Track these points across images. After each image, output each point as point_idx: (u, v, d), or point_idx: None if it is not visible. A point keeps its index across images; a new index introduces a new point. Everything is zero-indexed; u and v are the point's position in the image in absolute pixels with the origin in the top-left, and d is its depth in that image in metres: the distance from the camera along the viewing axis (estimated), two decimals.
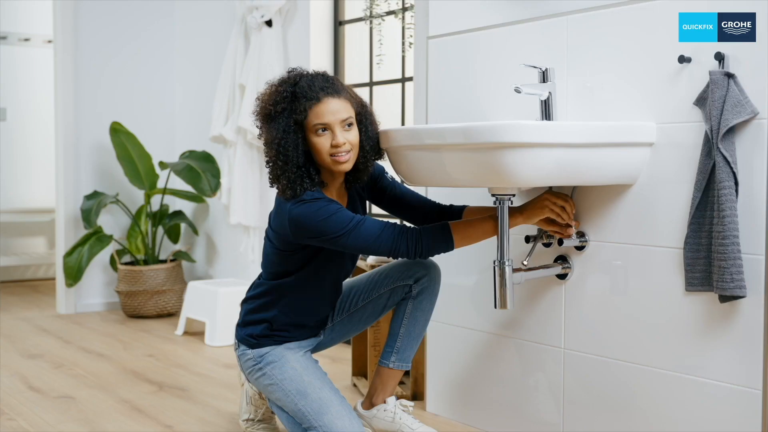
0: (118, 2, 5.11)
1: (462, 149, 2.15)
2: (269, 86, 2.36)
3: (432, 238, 2.30)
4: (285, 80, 2.33)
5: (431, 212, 2.56)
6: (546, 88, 2.43)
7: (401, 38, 3.85)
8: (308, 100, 2.26)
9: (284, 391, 2.40)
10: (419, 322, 2.59)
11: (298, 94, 2.28)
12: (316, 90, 2.27)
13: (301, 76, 2.32)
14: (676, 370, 2.24)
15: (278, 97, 2.29)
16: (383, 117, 4.12)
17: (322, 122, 2.27)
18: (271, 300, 2.48)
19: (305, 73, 2.35)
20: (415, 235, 2.29)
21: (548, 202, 2.36)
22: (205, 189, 4.67)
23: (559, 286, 2.52)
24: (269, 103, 2.31)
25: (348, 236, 2.26)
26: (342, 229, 2.25)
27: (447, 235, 2.31)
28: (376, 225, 2.28)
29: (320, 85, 2.29)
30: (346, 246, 2.28)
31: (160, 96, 5.28)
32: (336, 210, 2.27)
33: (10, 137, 6.27)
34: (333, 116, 2.27)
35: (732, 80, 2.05)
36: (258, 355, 2.47)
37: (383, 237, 2.27)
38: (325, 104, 2.27)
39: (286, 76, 2.35)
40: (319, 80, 2.31)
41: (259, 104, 2.35)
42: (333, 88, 2.30)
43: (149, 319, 4.80)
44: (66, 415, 2.97)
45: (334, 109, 2.28)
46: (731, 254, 2.01)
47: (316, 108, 2.27)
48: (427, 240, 2.30)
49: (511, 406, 2.69)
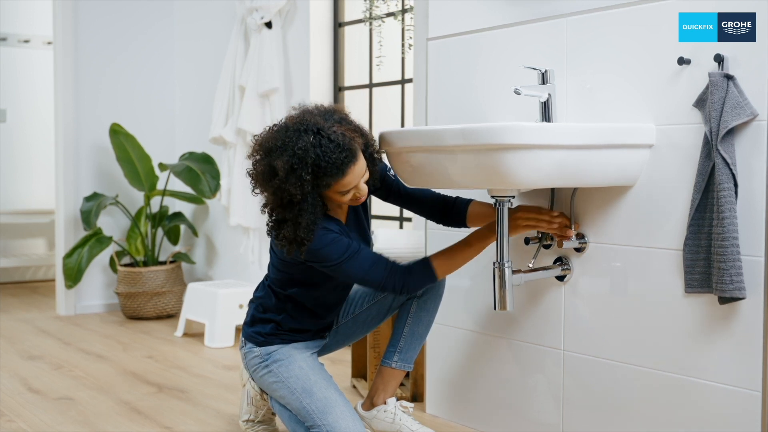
0: (118, 3, 5.11)
1: (462, 151, 2.15)
2: (285, 167, 2.18)
3: (417, 278, 2.36)
4: (300, 162, 2.17)
5: (437, 205, 2.58)
6: (546, 89, 2.43)
7: (401, 40, 3.86)
8: (332, 177, 2.21)
9: (289, 389, 2.41)
10: (423, 322, 2.60)
11: (320, 174, 2.19)
12: (339, 166, 2.19)
13: (311, 149, 2.17)
14: (675, 371, 2.24)
15: (299, 183, 2.18)
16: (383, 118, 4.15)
17: (348, 189, 2.27)
18: (277, 304, 2.50)
19: (312, 140, 2.18)
20: (403, 275, 2.33)
21: (520, 220, 2.39)
22: (204, 190, 4.67)
23: (559, 288, 2.52)
24: (291, 191, 2.19)
25: (341, 266, 2.30)
26: (338, 258, 2.29)
27: (429, 272, 2.37)
28: (369, 257, 2.32)
29: (340, 159, 2.19)
30: (339, 274, 2.33)
31: (159, 97, 5.28)
32: (333, 240, 2.29)
33: (10, 138, 6.27)
34: (358, 179, 2.28)
35: (731, 82, 2.05)
36: (266, 353, 2.48)
37: (375, 271, 2.32)
38: (350, 175, 2.24)
39: (297, 156, 2.17)
40: (333, 153, 2.18)
41: (276, 189, 2.21)
42: (351, 154, 2.22)
43: (149, 320, 4.80)
44: (65, 417, 2.97)
45: (358, 172, 2.26)
46: (731, 256, 2.01)
47: (342, 181, 2.23)
48: (412, 280, 2.35)
49: (510, 408, 2.69)
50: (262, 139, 2.27)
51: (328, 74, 4.31)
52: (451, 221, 2.59)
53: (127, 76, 5.17)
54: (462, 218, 2.56)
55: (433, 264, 2.36)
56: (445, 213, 2.57)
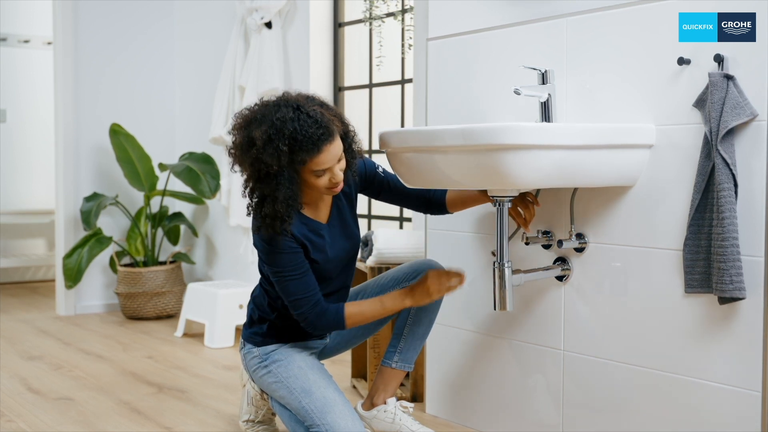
0: (118, 4, 5.11)
1: (461, 151, 2.15)
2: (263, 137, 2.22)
3: (326, 322, 2.39)
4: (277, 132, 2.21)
5: (421, 196, 2.60)
6: (545, 89, 2.43)
7: (401, 40, 3.86)
8: (308, 153, 2.23)
9: (289, 389, 2.41)
10: (423, 323, 2.60)
11: (295, 148, 2.22)
12: (315, 141, 2.22)
13: (290, 122, 2.22)
14: (675, 371, 2.24)
15: (276, 154, 2.21)
16: (383, 119, 4.16)
17: (323, 168, 2.28)
18: (270, 303, 2.51)
19: (291, 115, 2.23)
20: (318, 316, 2.37)
21: (431, 287, 2.44)
22: (204, 190, 4.67)
23: (559, 288, 2.52)
24: (267, 162, 2.22)
25: (284, 278, 2.35)
26: (284, 268, 2.34)
27: (339, 320, 2.40)
28: (304, 288, 2.35)
29: (317, 134, 2.22)
30: (278, 284, 2.37)
31: (159, 97, 5.28)
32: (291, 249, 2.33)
33: (9, 139, 6.27)
34: (332, 161, 2.28)
35: (731, 82, 2.05)
36: (264, 353, 2.48)
37: (307, 299, 2.36)
38: (325, 153, 2.25)
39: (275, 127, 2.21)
40: (311, 127, 2.22)
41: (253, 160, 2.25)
42: (328, 132, 2.25)
43: (149, 320, 4.80)
44: (65, 417, 2.97)
45: (333, 154, 2.28)
46: (730, 256, 2.01)
47: (316, 158, 2.25)
48: (321, 322, 2.39)
49: (510, 408, 2.69)
50: (243, 114, 2.31)
51: (328, 74, 4.31)
52: (434, 209, 2.63)
53: (127, 76, 5.17)
54: (443, 206, 2.60)
55: (345, 313, 2.40)
56: (428, 203, 2.61)
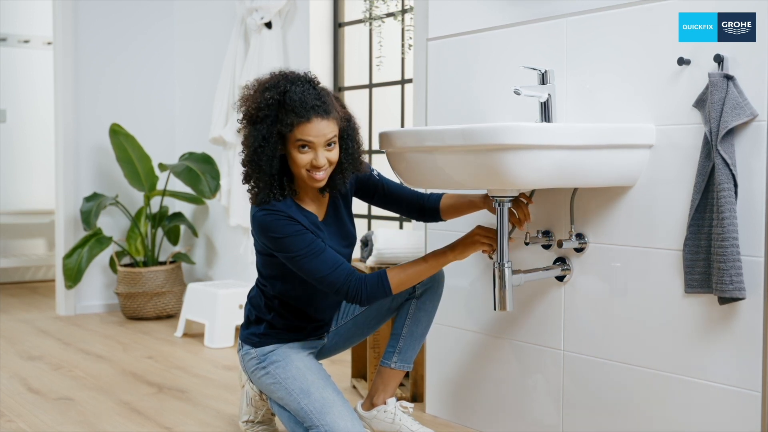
0: (118, 4, 5.11)
1: (461, 151, 2.15)
2: (257, 85, 2.30)
3: (371, 289, 2.33)
4: (274, 85, 2.26)
5: (414, 203, 2.59)
6: (545, 89, 2.43)
7: (401, 40, 3.86)
8: (297, 116, 2.23)
9: (287, 390, 2.40)
10: (422, 322, 2.60)
11: (286, 107, 2.23)
12: (307, 108, 2.23)
13: (291, 84, 2.26)
14: (675, 371, 2.24)
15: (264, 103, 2.25)
16: (383, 119, 4.15)
17: (306, 140, 2.26)
18: (266, 303, 2.50)
19: (296, 79, 2.28)
20: (358, 284, 2.32)
21: (478, 236, 2.38)
22: (204, 191, 4.67)
23: (559, 288, 2.52)
24: (253, 105, 2.27)
25: (301, 261, 2.29)
26: (298, 251, 2.28)
27: (384, 285, 2.34)
28: (330, 259, 2.31)
29: (311, 103, 2.23)
30: (301, 269, 2.31)
31: (159, 97, 5.28)
32: (297, 231, 2.29)
33: (9, 139, 6.27)
34: (318, 137, 2.26)
35: (731, 82, 2.05)
36: (261, 354, 2.48)
37: (333, 274, 2.30)
38: (313, 124, 2.24)
39: (275, 81, 2.28)
40: (310, 96, 2.24)
41: (244, 101, 2.31)
42: (323, 108, 2.25)
43: (149, 320, 4.80)
44: (65, 417, 2.97)
45: (321, 130, 2.26)
46: (730, 256, 2.02)
47: (303, 126, 2.24)
48: (366, 290, 2.32)
49: (510, 408, 2.69)
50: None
51: (328, 74, 4.31)
52: (427, 217, 2.61)
53: (127, 76, 5.17)
54: (436, 213, 2.59)
55: (389, 277, 2.35)
56: (421, 210, 2.59)
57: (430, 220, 2.62)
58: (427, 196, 2.60)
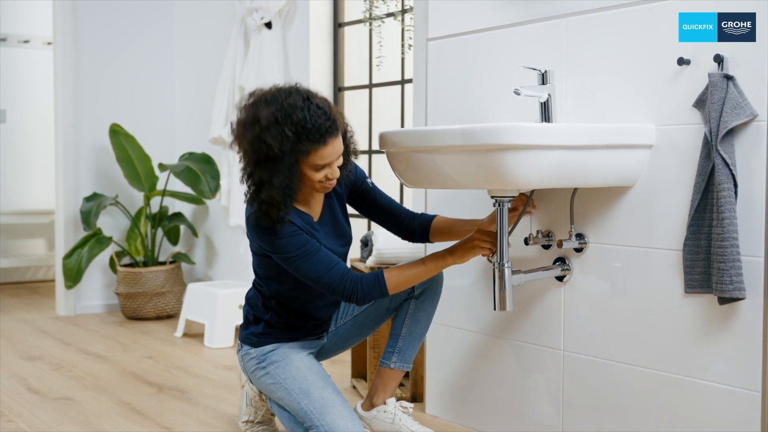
0: (118, 3, 5.11)
1: (461, 151, 2.15)
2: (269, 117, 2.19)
3: (367, 288, 2.33)
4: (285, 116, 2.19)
5: (403, 220, 2.59)
6: (545, 89, 2.43)
7: (401, 40, 3.86)
8: (313, 143, 2.21)
9: (287, 390, 2.40)
10: (421, 322, 2.60)
11: (302, 136, 2.20)
12: (322, 132, 2.21)
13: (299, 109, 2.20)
14: (675, 371, 2.24)
15: (282, 138, 2.19)
16: (383, 119, 4.15)
17: (325, 163, 2.27)
18: (263, 303, 2.51)
19: (301, 103, 2.22)
20: (355, 283, 2.32)
21: (478, 241, 2.37)
22: (204, 191, 4.67)
23: (559, 288, 2.52)
24: (270, 143, 2.19)
25: (297, 261, 2.29)
26: (294, 252, 2.28)
27: (381, 285, 2.33)
28: (328, 259, 2.31)
29: (324, 126, 2.21)
30: (297, 269, 2.31)
31: (159, 98, 5.28)
32: (292, 232, 2.29)
33: (9, 139, 6.27)
34: (334, 156, 2.28)
35: (731, 82, 2.05)
36: (261, 354, 2.48)
37: (331, 274, 2.31)
38: (329, 147, 2.24)
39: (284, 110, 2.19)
40: (320, 118, 2.21)
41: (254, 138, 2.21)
42: (335, 126, 2.25)
43: (149, 320, 4.80)
44: (65, 417, 2.97)
45: (336, 149, 2.27)
46: (730, 256, 2.01)
47: (321, 150, 2.24)
48: (363, 289, 2.32)
49: (510, 408, 2.69)
50: (252, 92, 2.29)
51: (328, 74, 4.31)
52: (414, 237, 2.60)
53: (127, 76, 5.17)
54: (425, 233, 2.58)
55: (386, 278, 2.35)
56: (409, 228, 2.58)
57: (416, 240, 2.61)
58: (418, 215, 2.60)
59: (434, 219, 2.58)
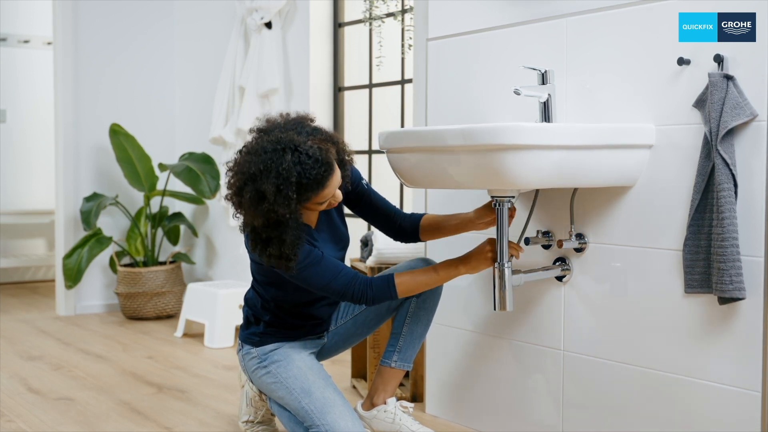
0: (118, 4, 5.11)
1: (461, 151, 2.15)
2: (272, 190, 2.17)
3: (377, 292, 2.35)
4: (285, 182, 2.16)
5: (394, 220, 2.60)
6: (545, 89, 2.43)
7: (401, 40, 3.86)
8: (313, 191, 2.23)
9: (288, 389, 2.41)
10: (421, 321, 2.60)
11: (302, 191, 2.20)
12: (319, 180, 2.21)
13: (293, 168, 2.18)
14: (675, 371, 2.24)
15: (287, 203, 2.18)
16: (383, 119, 4.15)
17: (326, 200, 2.30)
18: (262, 304, 2.52)
19: (292, 158, 2.18)
20: (363, 286, 2.33)
21: (492, 254, 2.36)
22: (204, 191, 4.67)
23: (559, 288, 2.52)
24: (280, 212, 2.18)
25: (302, 273, 2.30)
26: (299, 263, 2.28)
27: (391, 289, 2.36)
28: (333, 266, 2.33)
29: (320, 174, 2.21)
30: (303, 280, 2.32)
31: (159, 98, 5.28)
32: None
33: (9, 139, 6.27)
34: (335, 189, 2.30)
35: (731, 82, 2.05)
36: (263, 353, 2.48)
37: (338, 280, 2.32)
38: (328, 187, 2.26)
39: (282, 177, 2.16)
40: (314, 169, 2.19)
41: (263, 211, 2.19)
42: (329, 167, 2.23)
43: (149, 320, 4.80)
44: (65, 417, 2.97)
45: (335, 183, 2.29)
46: (730, 256, 2.01)
47: (321, 193, 2.26)
48: (372, 292, 2.35)
49: (510, 408, 2.69)
50: (241, 165, 2.24)
51: (327, 74, 4.31)
52: (404, 236, 2.61)
53: (127, 76, 5.17)
54: (415, 232, 2.59)
55: (396, 282, 2.36)
56: (400, 229, 2.59)
57: (408, 240, 2.62)
58: (408, 215, 2.61)
59: (422, 218, 2.59)
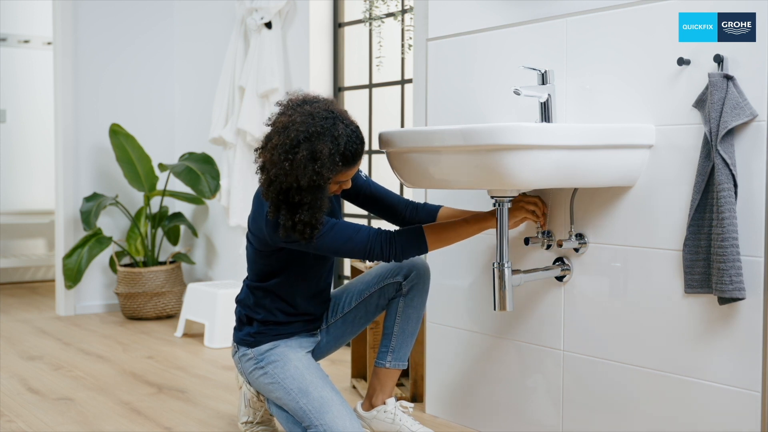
0: (118, 4, 5.11)
1: (461, 151, 2.15)
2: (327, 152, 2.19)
3: (405, 241, 2.33)
4: (337, 148, 2.21)
5: (405, 210, 2.59)
6: (545, 90, 2.43)
7: (401, 40, 3.86)
8: (349, 166, 2.28)
9: (286, 390, 2.40)
10: (412, 319, 2.60)
11: (345, 162, 2.24)
12: (358, 155, 2.28)
13: (344, 138, 2.23)
14: (675, 371, 2.24)
15: (334, 168, 2.22)
16: (383, 119, 4.15)
17: (346, 180, 2.34)
18: (255, 302, 2.51)
19: (344, 130, 2.23)
20: (389, 238, 2.32)
21: (523, 203, 2.42)
22: (204, 191, 4.67)
23: (559, 288, 2.52)
24: (326, 176, 2.20)
25: (323, 238, 2.28)
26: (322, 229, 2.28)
27: (421, 239, 2.34)
28: (350, 227, 2.33)
29: (360, 150, 2.28)
30: (321, 247, 2.31)
31: (159, 98, 5.28)
32: None
33: (9, 139, 6.27)
34: (355, 172, 2.35)
35: (731, 82, 2.05)
36: (259, 354, 2.48)
37: (358, 238, 2.31)
38: (358, 165, 2.32)
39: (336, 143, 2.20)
40: (355, 143, 2.26)
41: (311, 170, 2.19)
42: (364, 146, 2.32)
43: (148, 320, 4.80)
44: (65, 417, 2.97)
45: (358, 167, 2.35)
46: (730, 256, 2.02)
47: (351, 170, 2.31)
48: (400, 242, 2.32)
49: (510, 408, 2.69)
50: (298, 124, 2.21)
51: (327, 75, 4.31)
52: None
53: (127, 77, 5.17)
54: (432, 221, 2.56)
55: (426, 232, 2.34)
56: (412, 220, 2.58)
57: None
58: (422, 206, 2.59)
59: (440, 209, 2.57)
